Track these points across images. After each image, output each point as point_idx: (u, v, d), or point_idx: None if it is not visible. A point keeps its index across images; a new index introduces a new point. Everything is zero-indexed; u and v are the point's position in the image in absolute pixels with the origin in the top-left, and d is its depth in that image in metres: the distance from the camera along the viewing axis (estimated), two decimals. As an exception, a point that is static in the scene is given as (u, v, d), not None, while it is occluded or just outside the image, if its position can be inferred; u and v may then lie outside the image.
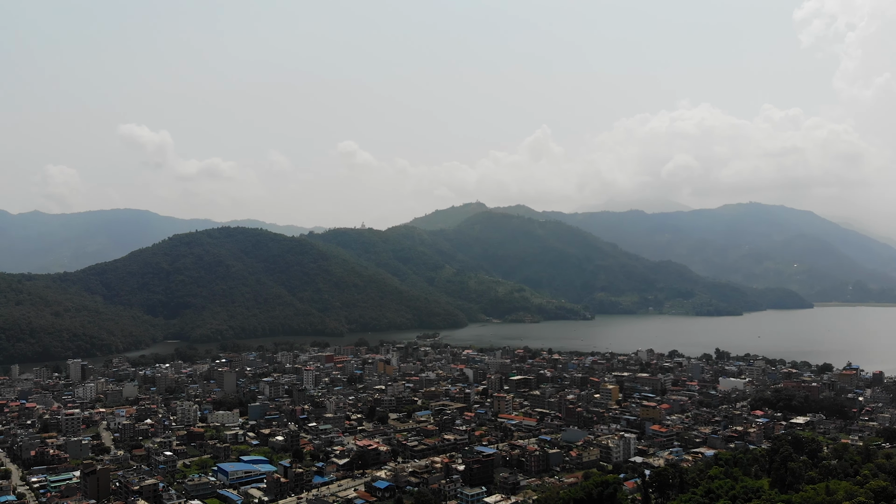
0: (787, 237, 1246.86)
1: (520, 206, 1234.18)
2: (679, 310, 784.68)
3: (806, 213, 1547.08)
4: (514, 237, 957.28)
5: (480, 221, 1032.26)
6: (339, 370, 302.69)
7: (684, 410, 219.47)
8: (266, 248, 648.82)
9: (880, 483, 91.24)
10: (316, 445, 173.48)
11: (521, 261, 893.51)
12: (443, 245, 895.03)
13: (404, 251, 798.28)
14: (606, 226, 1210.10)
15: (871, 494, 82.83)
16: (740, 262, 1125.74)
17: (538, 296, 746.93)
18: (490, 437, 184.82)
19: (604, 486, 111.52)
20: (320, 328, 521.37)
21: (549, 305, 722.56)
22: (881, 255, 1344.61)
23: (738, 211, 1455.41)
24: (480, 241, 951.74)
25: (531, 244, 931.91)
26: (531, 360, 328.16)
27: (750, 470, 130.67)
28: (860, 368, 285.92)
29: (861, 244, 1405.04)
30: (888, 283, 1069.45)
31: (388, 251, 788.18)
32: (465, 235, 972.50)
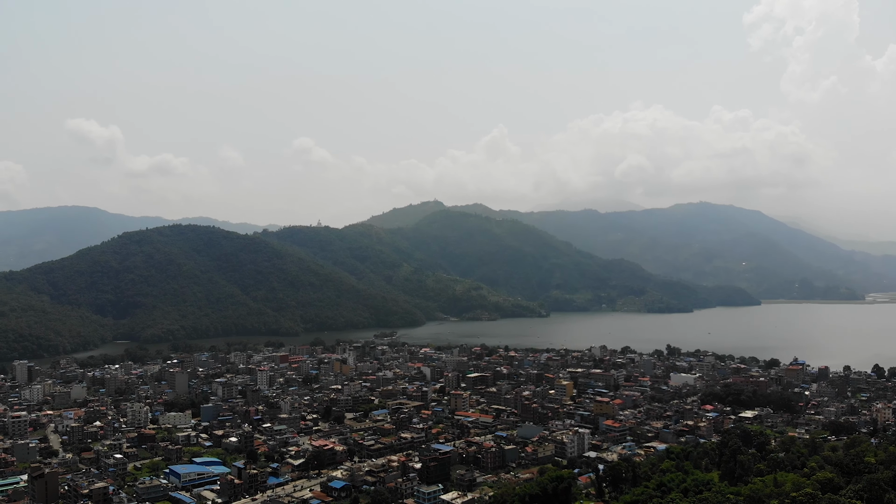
0: (736, 236, 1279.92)
1: (477, 205, 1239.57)
2: (631, 307, 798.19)
3: (754, 213, 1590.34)
4: (472, 236, 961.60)
5: (438, 220, 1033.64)
6: (294, 370, 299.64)
7: (637, 405, 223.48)
8: (219, 246, 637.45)
9: (827, 475, 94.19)
10: (270, 446, 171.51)
11: (479, 259, 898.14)
12: (401, 243, 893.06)
13: (361, 249, 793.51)
14: (561, 225, 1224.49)
15: (817, 486, 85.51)
16: (691, 261, 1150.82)
17: (495, 294, 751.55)
18: (447, 434, 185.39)
19: (558, 481, 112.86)
20: (275, 328, 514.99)
21: (506, 303, 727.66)
22: (826, 254, 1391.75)
23: (689, 210, 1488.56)
24: (438, 239, 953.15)
25: (488, 243, 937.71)
26: (488, 357, 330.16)
27: (700, 463, 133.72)
28: (806, 363, 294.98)
29: (807, 243, 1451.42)
30: (833, 280, 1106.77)
31: (345, 249, 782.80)
32: (423, 234, 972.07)
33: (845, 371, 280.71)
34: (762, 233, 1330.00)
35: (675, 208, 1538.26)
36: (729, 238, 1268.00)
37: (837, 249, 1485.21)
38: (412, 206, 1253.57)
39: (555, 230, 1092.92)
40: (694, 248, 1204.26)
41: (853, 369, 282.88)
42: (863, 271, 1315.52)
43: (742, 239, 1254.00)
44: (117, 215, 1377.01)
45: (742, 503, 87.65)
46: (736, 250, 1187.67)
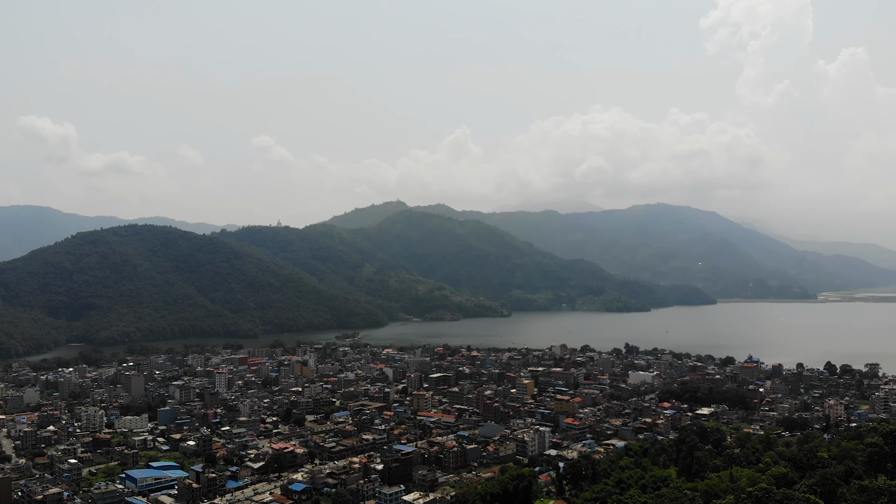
0: (693, 237, 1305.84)
1: (440, 206, 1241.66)
2: (591, 306, 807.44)
3: (710, 214, 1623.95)
4: (435, 236, 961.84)
5: (401, 220, 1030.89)
6: (253, 372, 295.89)
7: (596, 403, 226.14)
8: (175, 246, 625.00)
9: (781, 470, 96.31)
10: (229, 449, 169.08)
11: (442, 259, 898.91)
12: (363, 244, 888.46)
13: (323, 250, 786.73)
14: (523, 225, 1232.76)
15: (772, 481, 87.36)
16: (648, 261, 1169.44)
17: (458, 294, 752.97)
18: (409, 435, 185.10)
19: (519, 479, 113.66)
20: (233, 330, 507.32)
21: (469, 303, 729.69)
22: (779, 254, 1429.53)
23: (647, 211, 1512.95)
24: (401, 239, 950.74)
25: (451, 243, 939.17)
26: (451, 357, 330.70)
27: (658, 460, 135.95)
28: (760, 361, 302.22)
29: (761, 243, 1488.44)
30: (786, 280, 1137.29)
31: (306, 250, 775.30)
32: (385, 234, 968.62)
33: (798, 368, 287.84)
34: (718, 233, 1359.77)
35: (634, 209, 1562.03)
36: (685, 238, 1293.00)
37: (790, 250, 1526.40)
38: (374, 207, 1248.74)
39: (516, 231, 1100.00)
40: (651, 249, 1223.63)
41: (806, 366, 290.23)
42: (815, 271, 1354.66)
43: (698, 239, 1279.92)
44: (71, 215, 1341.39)
45: (699, 499, 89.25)
46: (692, 250, 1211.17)
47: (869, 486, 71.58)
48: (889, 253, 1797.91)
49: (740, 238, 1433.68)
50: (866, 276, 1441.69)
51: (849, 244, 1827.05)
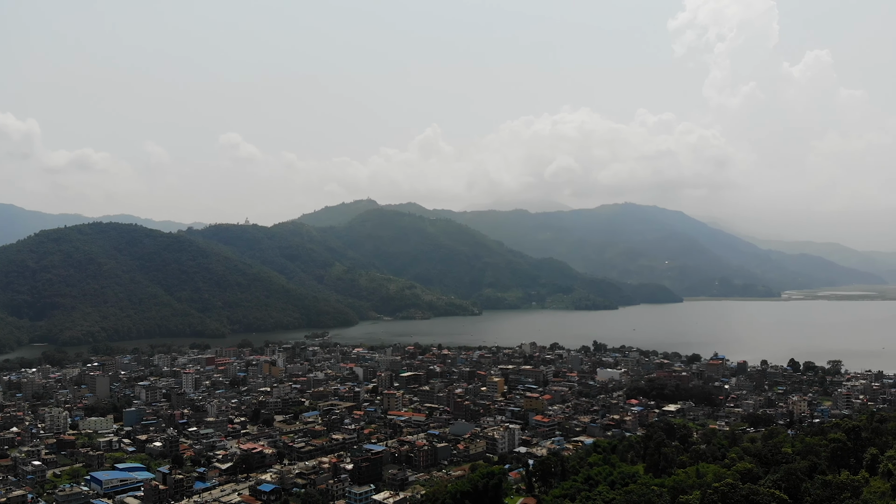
0: (660, 236, 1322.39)
1: (411, 204, 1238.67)
2: (560, 304, 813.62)
3: (677, 214, 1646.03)
4: (406, 235, 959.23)
5: (372, 219, 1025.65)
6: (220, 373, 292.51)
7: (565, 400, 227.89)
8: (141, 244, 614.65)
9: (746, 465, 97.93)
10: (197, 450, 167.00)
11: (413, 258, 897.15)
12: (333, 242, 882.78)
13: (292, 248, 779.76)
14: (493, 224, 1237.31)
15: (737, 476, 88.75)
16: (616, 260, 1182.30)
17: (429, 292, 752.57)
18: (379, 434, 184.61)
19: (489, 477, 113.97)
20: (200, 329, 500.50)
21: (440, 302, 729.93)
22: (744, 253, 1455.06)
23: (615, 211, 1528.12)
24: (372, 238, 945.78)
25: (422, 242, 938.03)
26: (421, 356, 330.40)
27: (626, 456, 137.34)
28: (726, 358, 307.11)
29: (726, 242, 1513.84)
30: (750, 278, 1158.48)
31: (275, 248, 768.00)
32: (355, 233, 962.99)
33: (763, 365, 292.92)
34: (684, 233, 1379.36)
35: (602, 209, 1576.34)
36: (653, 238, 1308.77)
37: (755, 249, 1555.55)
38: (345, 205, 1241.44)
39: (487, 230, 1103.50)
40: (619, 248, 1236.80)
41: (770, 363, 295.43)
42: (779, 270, 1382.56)
43: (665, 239, 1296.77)
44: (34, 212, 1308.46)
45: (666, 495, 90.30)
46: (659, 249, 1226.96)
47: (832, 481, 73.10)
48: (851, 252, 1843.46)
49: (706, 237, 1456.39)
50: (829, 274, 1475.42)
51: (812, 243, 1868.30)
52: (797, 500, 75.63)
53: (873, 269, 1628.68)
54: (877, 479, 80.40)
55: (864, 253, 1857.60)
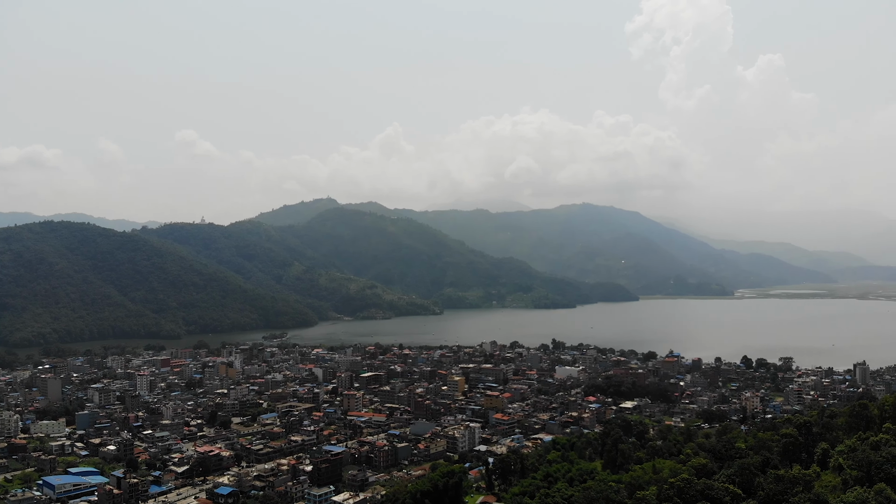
0: (616, 236, 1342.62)
1: (372, 203, 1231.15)
2: (520, 303, 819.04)
3: (633, 214, 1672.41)
4: (367, 234, 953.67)
5: (332, 218, 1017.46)
6: (176, 374, 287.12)
7: (524, 398, 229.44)
8: (94, 244, 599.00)
9: (701, 461, 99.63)
10: (152, 454, 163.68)
11: (373, 258, 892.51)
12: (291, 241, 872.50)
13: (249, 248, 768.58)
14: (454, 224, 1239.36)
15: (693, 472, 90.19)
16: (574, 259, 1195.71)
17: (390, 292, 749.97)
18: (339, 435, 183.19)
19: (449, 476, 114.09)
20: (155, 330, 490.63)
21: (401, 301, 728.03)
22: (698, 252, 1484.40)
23: (573, 211, 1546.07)
24: (332, 237, 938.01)
25: (383, 241, 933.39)
26: (382, 356, 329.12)
27: (585, 453, 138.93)
28: (681, 356, 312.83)
29: (681, 242, 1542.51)
30: (704, 277, 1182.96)
31: (231, 248, 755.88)
32: (315, 232, 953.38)
33: (717, 362, 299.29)
34: (640, 233, 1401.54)
35: (560, 209, 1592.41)
36: (610, 237, 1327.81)
37: (709, 248, 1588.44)
38: (304, 203, 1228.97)
39: (448, 229, 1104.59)
40: (577, 247, 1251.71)
41: (724, 360, 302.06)
42: (732, 269, 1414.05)
43: (622, 238, 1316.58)
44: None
45: (623, 491, 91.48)
46: (616, 249, 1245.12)
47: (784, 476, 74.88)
48: (802, 251, 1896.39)
49: (662, 237, 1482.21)
50: (780, 273, 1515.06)
51: (764, 243, 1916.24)
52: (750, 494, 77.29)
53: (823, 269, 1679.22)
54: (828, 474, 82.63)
55: (813, 253, 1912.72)
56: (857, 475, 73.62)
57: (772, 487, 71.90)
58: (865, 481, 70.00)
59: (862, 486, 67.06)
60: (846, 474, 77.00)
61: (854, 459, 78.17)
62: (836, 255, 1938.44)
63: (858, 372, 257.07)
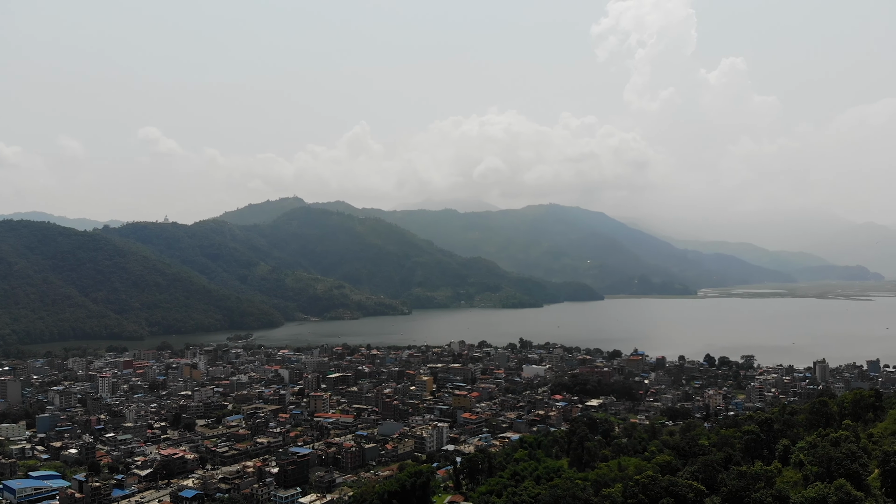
0: (582, 236, 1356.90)
1: (339, 203, 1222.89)
2: (488, 303, 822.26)
3: (599, 214, 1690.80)
4: (334, 233, 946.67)
5: (298, 217, 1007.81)
6: (139, 376, 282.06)
7: (492, 397, 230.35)
8: (54, 243, 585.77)
9: (665, 458, 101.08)
10: (114, 457, 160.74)
11: (341, 257, 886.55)
12: (257, 241, 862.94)
13: (214, 247, 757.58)
14: (423, 223, 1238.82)
15: (657, 469, 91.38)
16: (541, 259, 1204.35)
17: (358, 292, 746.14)
18: (306, 437, 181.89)
19: (417, 476, 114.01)
20: (117, 331, 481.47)
21: (369, 302, 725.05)
22: (662, 252, 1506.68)
23: (540, 211, 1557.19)
24: (298, 237, 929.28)
25: (351, 241, 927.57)
26: (350, 356, 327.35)
27: (551, 451, 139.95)
28: (645, 354, 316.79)
29: (645, 242, 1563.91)
30: (668, 277, 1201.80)
31: (195, 247, 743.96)
32: (281, 231, 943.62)
33: (680, 360, 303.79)
34: (606, 233, 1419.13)
35: (528, 209, 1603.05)
36: (576, 237, 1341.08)
37: (672, 248, 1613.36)
38: (270, 202, 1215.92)
39: (417, 229, 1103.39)
40: (544, 247, 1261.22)
41: (687, 359, 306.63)
42: (695, 268, 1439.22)
43: (587, 238, 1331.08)
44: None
45: (590, 488, 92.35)
46: (582, 249, 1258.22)
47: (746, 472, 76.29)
48: (763, 251, 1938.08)
49: (626, 237, 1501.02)
50: (742, 273, 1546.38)
51: (726, 243, 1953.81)
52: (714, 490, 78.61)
53: (783, 268, 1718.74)
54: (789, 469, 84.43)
55: (774, 252, 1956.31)
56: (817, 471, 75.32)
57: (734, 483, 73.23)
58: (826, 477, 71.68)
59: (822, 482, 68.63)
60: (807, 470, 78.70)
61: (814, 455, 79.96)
62: (796, 255, 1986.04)
63: (818, 369, 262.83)
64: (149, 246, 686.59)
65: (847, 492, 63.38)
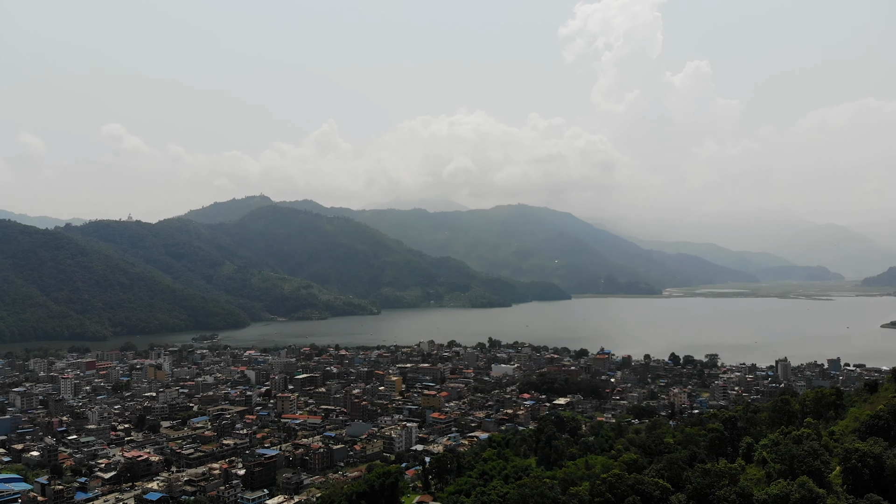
0: (550, 236, 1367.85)
1: (307, 201, 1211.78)
2: (457, 302, 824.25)
3: (566, 215, 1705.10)
4: (302, 233, 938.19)
5: (265, 216, 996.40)
6: (102, 377, 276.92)
7: (461, 397, 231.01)
8: (14, 242, 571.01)
9: (632, 456, 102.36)
10: (77, 459, 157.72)
11: (309, 257, 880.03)
12: (223, 240, 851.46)
13: (178, 246, 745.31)
14: (392, 223, 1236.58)
15: (624, 467, 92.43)
16: (510, 259, 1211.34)
17: (326, 292, 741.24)
18: (273, 438, 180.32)
19: (385, 476, 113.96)
20: (79, 332, 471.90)
21: (337, 301, 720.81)
22: (628, 252, 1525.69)
23: (509, 212, 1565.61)
24: (265, 236, 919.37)
25: (319, 240, 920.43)
26: (318, 357, 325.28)
27: (520, 450, 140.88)
28: (611, 353, 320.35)
29: (611, 242, 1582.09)
30: (633, 276, 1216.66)
31: (160, 246, 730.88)
32: (247, 230, 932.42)
33: (646, 359, 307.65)
34: (573, 233, 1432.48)
35: (497, 209, 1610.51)
36: (544, 238, 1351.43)
37: (638, 249, 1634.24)
38: (236, 201, 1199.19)
39: (386, 228, 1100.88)
40: (513, 247, 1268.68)
41: (653, 357, 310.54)
42: (660, 268, 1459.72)
43: (555, 239, 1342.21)
44: None
45: (557, 486, 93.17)
46: (550, 249, 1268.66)
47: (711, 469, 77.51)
48: (726, 252, 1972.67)
49: (593, 238, 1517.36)
50: (706, 273, 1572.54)
51: (690, 244, 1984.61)
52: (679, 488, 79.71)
53: (746, 268, 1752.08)
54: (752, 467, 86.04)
55: (737, 253, 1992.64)
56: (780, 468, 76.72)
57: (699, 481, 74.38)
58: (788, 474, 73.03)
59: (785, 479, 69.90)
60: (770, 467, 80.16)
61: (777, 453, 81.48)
62: (758, 255, 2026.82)
63: (780, 368, 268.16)
64: (112, 245, 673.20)
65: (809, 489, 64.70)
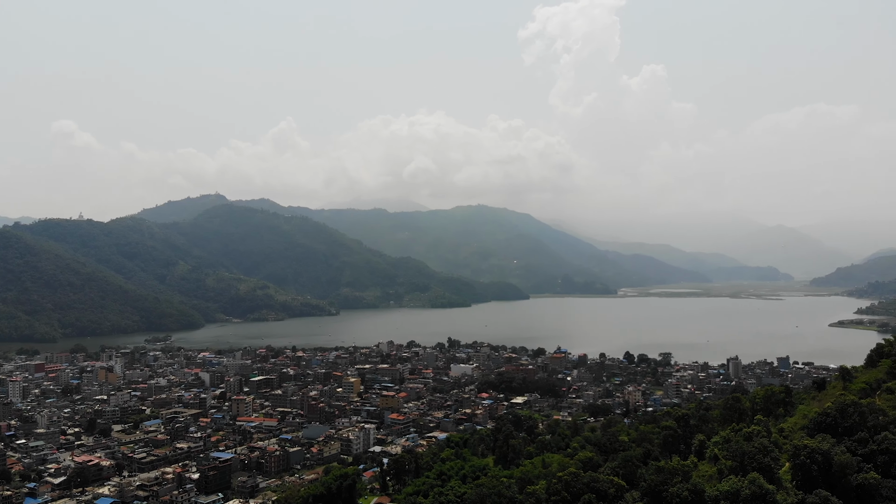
0: (509, 237, 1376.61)
1: (264, 200, 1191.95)
2: (417, 303, 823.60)
3: (525, 216, 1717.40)
4: (258, 232, 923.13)
5: (220, 215, 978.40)
6: (51, 380, 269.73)
7: (420, 397, 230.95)
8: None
9: (587, 454, 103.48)
10: (26, 465, 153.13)
11: (266, 257, 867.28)
12: (176, 239, 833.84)
13: (130, 246, 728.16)
14: (351, 223, 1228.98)
15: (580, 465, 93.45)
16: (469, 259, 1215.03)
17: (283, 293, 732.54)
18: (228, 441, 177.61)
19: (343, 478, 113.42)
20: (28, 333, 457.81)
21: (295, 302, 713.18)
22: (585, 253, 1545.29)
23: (468, 212, 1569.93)
24: (220, 235, 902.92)
25: (276, 240, 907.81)
26: (274, 359, 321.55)
27: (478, 449, 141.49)
28: (568, 352, 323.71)
29: (569, 243, 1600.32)
30: (590, 277, 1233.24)
31: (111, 245, 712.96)
32: (202, 229, 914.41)
33: (601, 358, 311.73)
34: (531, 234, 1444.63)
35: (457, 210, 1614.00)
36: (503, 238, 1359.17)
37: (594, 249, 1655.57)
38: (190, 200, 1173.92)
39: (346, 228, 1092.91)
40: (472, 247, 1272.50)
41: (608, 356, 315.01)
42: (615, 269, 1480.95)
43: (514, 239, 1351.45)
44: None
45: (514, 486, 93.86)
46: (509, 249, 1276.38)
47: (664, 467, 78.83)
48: (680, 253, 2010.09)
49: (551, 238, 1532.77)
50: (660, 273, 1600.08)
51: (645, 245, 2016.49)
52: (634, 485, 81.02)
53: (699, 269, 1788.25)
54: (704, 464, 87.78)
55: (690, 254, 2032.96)
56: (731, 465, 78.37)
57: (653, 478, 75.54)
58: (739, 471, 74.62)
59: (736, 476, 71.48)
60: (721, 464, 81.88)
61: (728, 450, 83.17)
62: (711, 256, 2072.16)
63: (731, 366, 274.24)
64: (62, 244, 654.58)
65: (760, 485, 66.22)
